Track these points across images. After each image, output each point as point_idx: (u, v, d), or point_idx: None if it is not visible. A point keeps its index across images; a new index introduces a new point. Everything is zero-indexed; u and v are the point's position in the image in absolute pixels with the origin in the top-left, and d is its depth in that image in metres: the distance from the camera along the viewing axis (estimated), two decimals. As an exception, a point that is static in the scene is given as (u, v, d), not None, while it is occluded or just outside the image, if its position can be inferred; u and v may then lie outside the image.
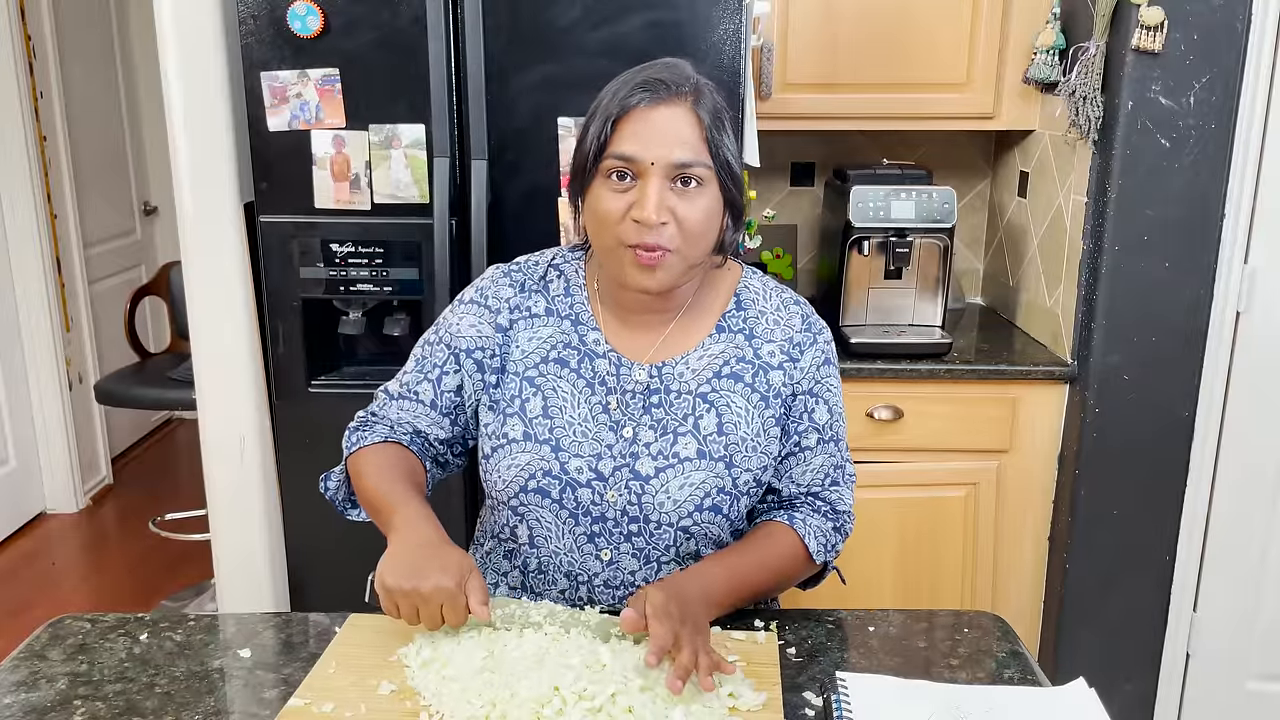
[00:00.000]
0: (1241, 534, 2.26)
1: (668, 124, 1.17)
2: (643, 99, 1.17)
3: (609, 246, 1.21)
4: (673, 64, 1.22)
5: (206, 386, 2.24)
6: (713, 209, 1.20)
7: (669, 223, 1.17)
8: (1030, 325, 2.54)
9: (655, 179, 1.17)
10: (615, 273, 1.23)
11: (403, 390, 1.34)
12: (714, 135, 1.18)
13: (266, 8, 1.99)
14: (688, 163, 1.17)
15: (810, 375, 1.30)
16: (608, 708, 1.02)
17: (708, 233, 1.21)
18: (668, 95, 1.18)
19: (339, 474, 1.36)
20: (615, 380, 1.28)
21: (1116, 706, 2.30)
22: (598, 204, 1.20)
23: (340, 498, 1.36)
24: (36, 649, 1.20)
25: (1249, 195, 2.10)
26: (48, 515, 3.81)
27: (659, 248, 1.17)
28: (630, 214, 1.17)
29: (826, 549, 1.31)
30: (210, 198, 2.13)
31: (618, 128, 1.18)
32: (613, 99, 1.19)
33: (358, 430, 1.34)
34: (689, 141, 1.17)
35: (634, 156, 1.17)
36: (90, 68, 3.95)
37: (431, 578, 1.09)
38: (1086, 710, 1.07)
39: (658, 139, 1.17)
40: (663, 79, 1.18)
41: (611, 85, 1.21)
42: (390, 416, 1.34)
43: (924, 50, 2.39)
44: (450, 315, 1.34)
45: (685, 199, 1.18)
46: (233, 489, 2.27)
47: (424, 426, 1.33)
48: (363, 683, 1.11)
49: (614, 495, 1.25)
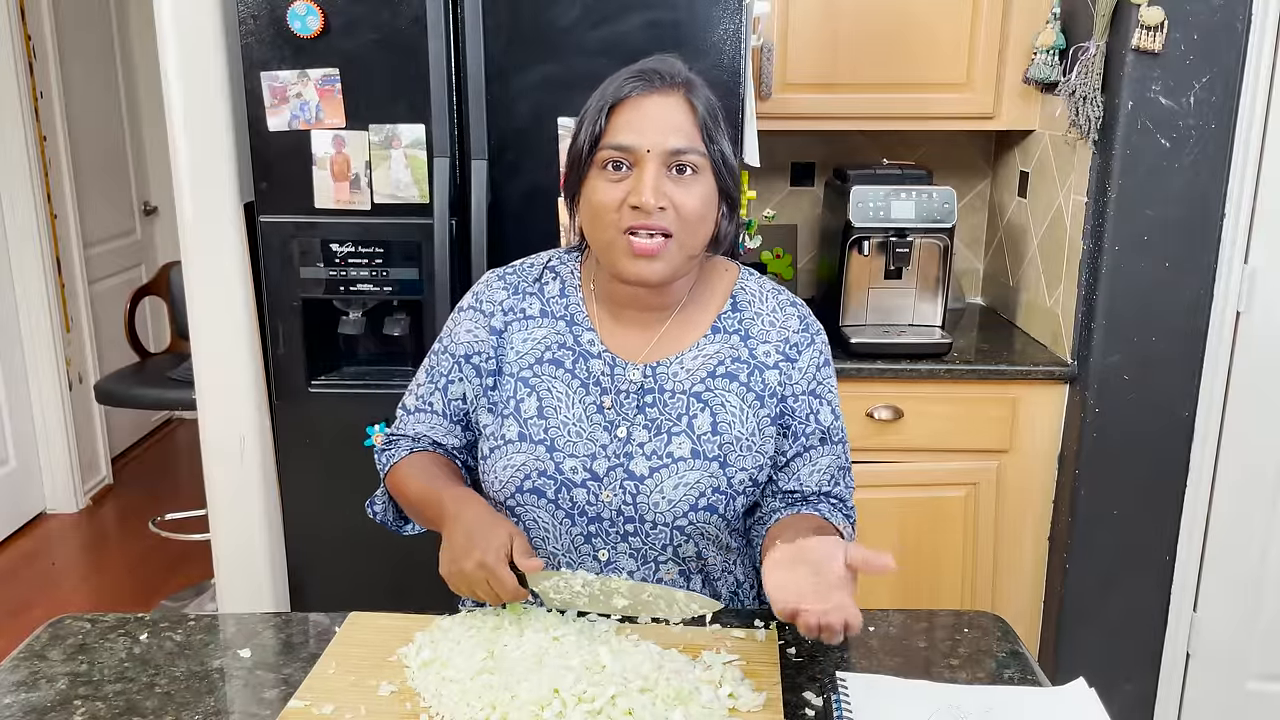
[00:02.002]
0: (1241, 534, 2.26)
1: (661, 112, 1.19)
2: (636, 88, 1.19)
3: (606, 239, 1.21)
4: (665, 58, 1.24)
5: (206, 386, 2.24)
6: (708, 197, 1.21)
7: (667, 208, 1.18)
8: (1030, 325, 2.54)
9: (651, 166, 1.18)
10: (612, 266, 1.23)
11: (419, 404, 1.36)
12: (707, 124, 1.20)
13: (266, 8, 1.99)
14: (682, 149, 1.18)
15: (810, 376, 1.30)
16: (607, 709, 1.02)
17: (704, 220, 1.22)
18: (661, 85, 1.20)
19: (382, 496, 1.38)
20: (610, 380, 1.28)
21: (1116, 706, 2.30)
22: (594, 195, 1.21)
23: (390, 518, 1.39)
24: (36, 649, 1.20)
25: (1249, 195, 2.10)
26: (48, 515, 3.81)
27: (658, 228, 1.18)
28: (628, 201, 1.18)
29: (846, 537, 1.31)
30: (210, 198, 2.13)
31: (612, 118, 1.19)
32: (604, 90, 1.21)
33: (385, 451, 1.37)
34: (683, 129, 1.19)
35: (629, 145, 1.18)
36: (90, 68, 3.95)
37: (473, 556, 1.11)
38: (1086, 710, 1.07)
39: (652, 127, 1.18)
40: (656, 70, 1.21)
41: (604, 84, 1.23)
42: (409, 432, 1.36)
43: (924, 50, 2.39)
44: (451, 324, 1.36)
45: (681, 186, 1.19)
46: (233, 489, 2.27)
47: (440, 437, 1.35)
48: (363, 683, 1.11)
49: (609, 495, 1.25)
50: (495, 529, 1.14)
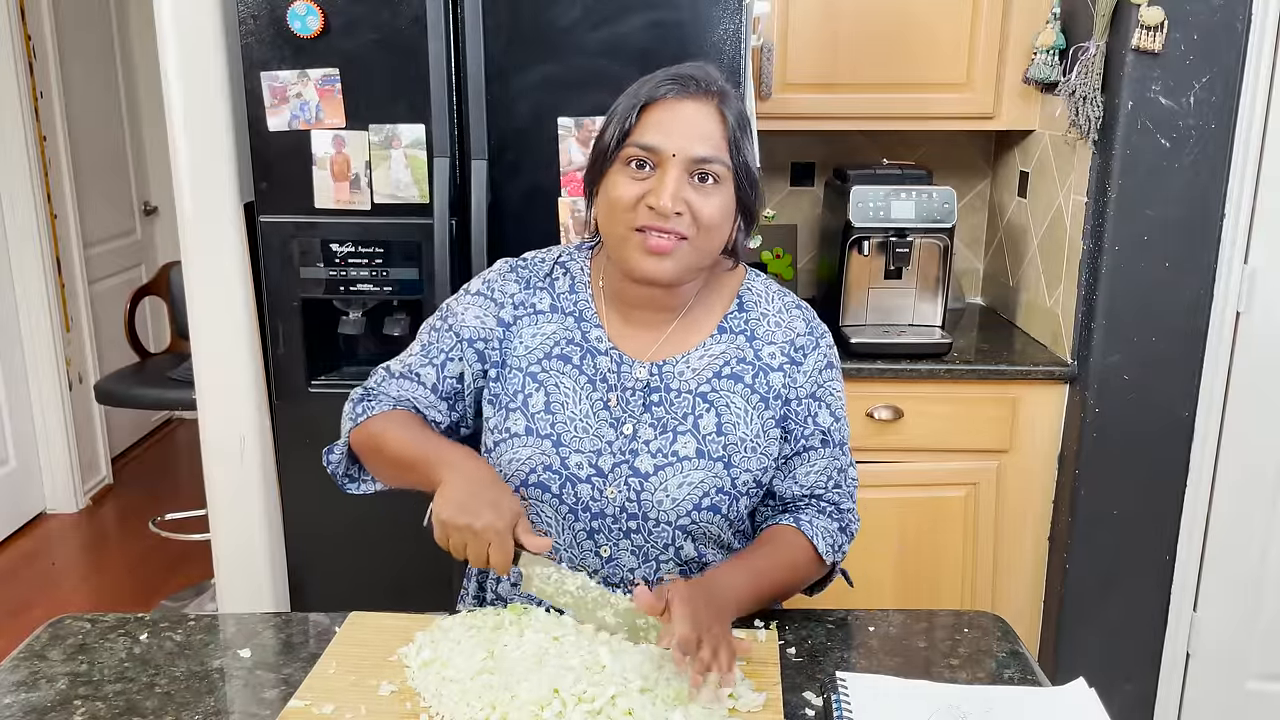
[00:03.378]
0: (1241, 534, 2.26)
1: (693, 118, 1.19)
2: (670, 90, 1.20)
3: (620, 235, 1.22)
4: (703, 66, 1.25)
5: (206, 386, 2.24)
6: (726, 207, 1.22)
7: (683, 213, 1.18)
8: (1030, 325, 2.54)
9: (675, 170, 1.18)
10: (624, 262, 1.23)
11: (404, 370, 1.34)
12: (736, 136, 1.21)
13: (266, 8, 1.99)
14: (708, 158, 1.19)
15: (813, 379, 1.30)
16: (607, 709, 1.02)
17: (720, 229, 1.22)
18: (696, 91, 1.20)
19: (342, 446, 1.34)
20: (616, 377, 1.28)
21: (1116, 706, 2.30)
22: (613, 189, 1.21)
23: (342, 470, 1.35)
24: (36, 649, 1.20)
25: (1249, 195, 2.10)
26: (48, 515, 3.81)
27: (672, 231, 1.18)
28: (645, 200, 1.18)
29: (834, 549, 1.31)
30: (210, 198, 2.13)
31: (643, 116, 1.20)
32: (639, 89, 1.21)
33: (360, 403, 1.33)
34: (711, 138, 1.19)
35: (656, 146, 1.18)
36: (90, 68, 3.95)
37: (485, 515, 1.10)
38: (1086, 710, 1.07)
39: (681, 130, 1.19)
40: (693, 75, 1.21)
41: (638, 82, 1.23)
42: (391, 393, 1.33)
43: (924, 50, 2.39)
44: (456, 304, 1.35)
45: (701, 194, 1.19)
46: (233, 489, 2.27)
47: (422, 408, 1.32)
48: (363, 683, 1.11)
49: (613, 492, 1.25)
50: (507, 493, 1.14)
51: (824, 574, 1.35)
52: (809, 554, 1.29)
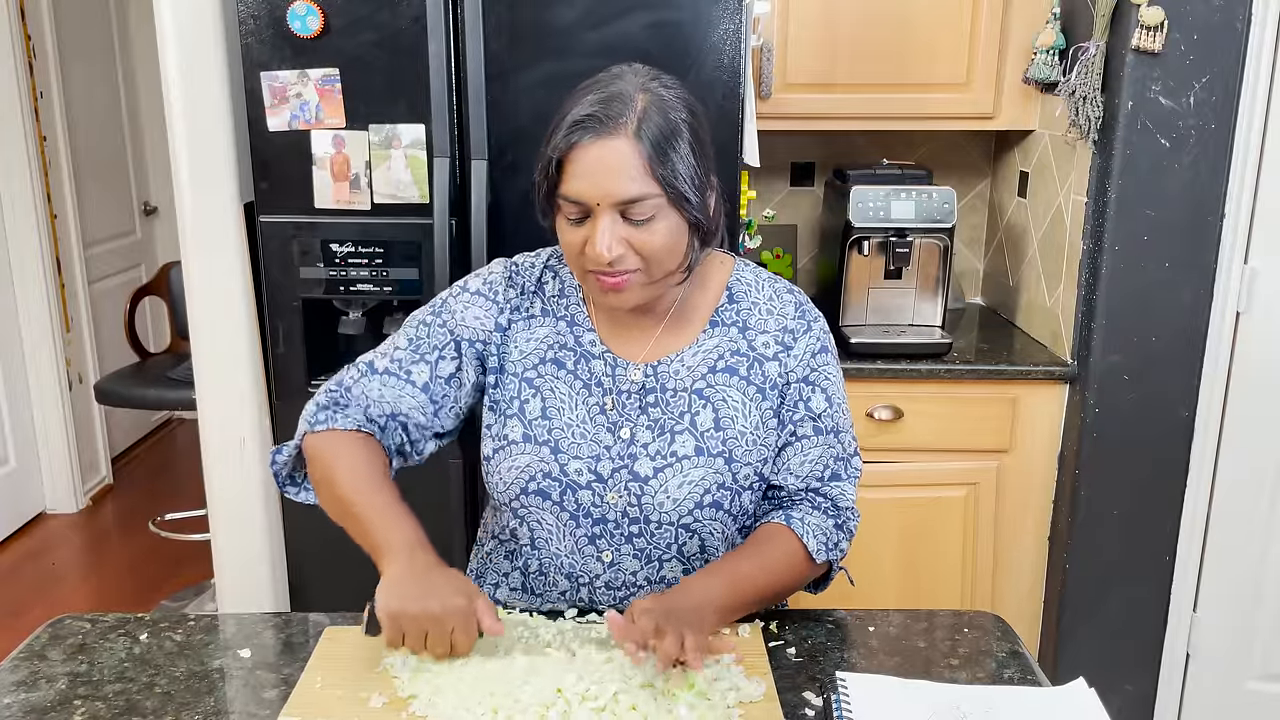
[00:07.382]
0: (1241, 534, 2.26)
1: (609, 159, 1.13)
2: (579, 136, 1.14)
3: (579, 273, 1.22)
4: (618, 79, 1.18)
5: (206, 386, 2.24)
6: (671, 231, 1.17)
7: (625, 253, 1.16)
8: (1030, 325, 2.54)
9: (605, 217, 1.15)
10: (590, 293, 1.25)
11: (392, 367, 1.29)
12: (658, 163, 1.14)
13: (266, 8, 1.99)
14: (634, 197, 1.14)
15: (805, 363, 1.28)
16: (611, 706, 1.03)
17: (671, 252, 1.19)
18: (604, 130, 1.13)
19: (292, 450, 1.29)
20: (611, 381, 1.27)
21: (1116, 706, 2.30)
22: (561, 234, 1.21)
23: (285, 474, 1.30)
24: (36, 649, 1.20)
25: (1249, 195, 2.10)
26: (48, 515, 3.81)
27: (620, 272, 1.17)
28: (585, 249, 1.16)
29: (828, 548, 1.27)
30: (210, 198, 2.13)
31: (563, 168, 1.16)
32: (556, 129, 1.16)
33: (326, 409, 1.27)
34: (631, 173, 1.13)
35: (579, 198, 1.15)
36: (90, 68, 3.95)
37: (443, 598, 1.08)
38: (1086, 710, 1.07)
39: (601, 175, 1.14)
40: (597, 114, 1.14)
41: (565, 106, 1.18)
42: (370, 395, 1.28)
43: (924, 50, 2.39)
44: (453, 301, 1.32)
45: (641, 229, 1.16)
46: (233, 489, 2.27)
47: (406, 409, 1.28)
48: (352, 696, 1.08)
49: (614, 497, 1.25)
50: (457, 574, 1.13)
51: (820, 573, 1.32)
52: (799, 554, 1.25)
